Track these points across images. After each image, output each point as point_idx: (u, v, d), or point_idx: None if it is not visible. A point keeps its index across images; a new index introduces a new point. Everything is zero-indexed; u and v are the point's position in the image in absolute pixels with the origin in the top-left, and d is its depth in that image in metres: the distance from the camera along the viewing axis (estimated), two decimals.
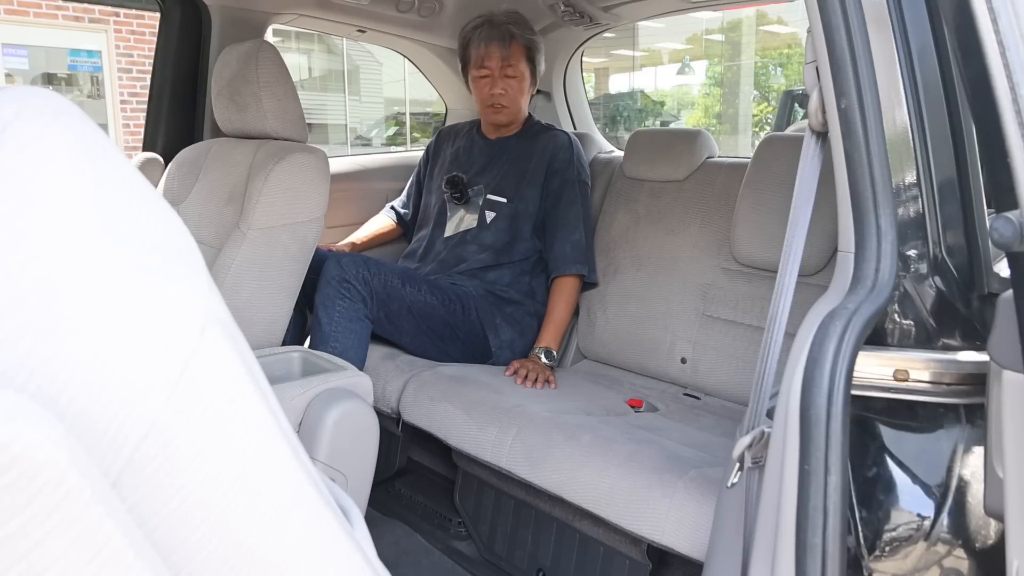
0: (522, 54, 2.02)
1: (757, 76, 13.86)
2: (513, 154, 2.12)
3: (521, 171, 2.08)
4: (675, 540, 1.23)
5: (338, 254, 1.82)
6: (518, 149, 2.12)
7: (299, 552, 0.45)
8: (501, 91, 2.03)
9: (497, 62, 2.00)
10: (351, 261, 1.78)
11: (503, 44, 1.99)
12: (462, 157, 2.20)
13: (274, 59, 1.72)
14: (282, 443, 0.45)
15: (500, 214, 2.07)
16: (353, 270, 1.76)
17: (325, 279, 1.75)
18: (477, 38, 2.01)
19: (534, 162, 2.08)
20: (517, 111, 2.10)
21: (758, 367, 0.89)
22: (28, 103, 0.39)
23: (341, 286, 1.75)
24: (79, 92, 7.87)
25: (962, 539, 0.76)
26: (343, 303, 1.75)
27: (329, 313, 1.74)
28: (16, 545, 0.30)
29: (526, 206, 2.06)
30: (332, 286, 1.74)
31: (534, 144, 2.11)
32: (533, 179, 2.07)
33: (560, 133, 2.13)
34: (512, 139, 2.15)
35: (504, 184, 2.09)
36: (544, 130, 2.15)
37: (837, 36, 0.77)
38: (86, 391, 0.36)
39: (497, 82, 2.03)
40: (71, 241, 0.37)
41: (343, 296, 1.75)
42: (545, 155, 2.07)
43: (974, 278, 0.81)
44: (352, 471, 1.36)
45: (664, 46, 14.66)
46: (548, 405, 1.60)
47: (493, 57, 2.00)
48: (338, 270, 1.75)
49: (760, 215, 1.72)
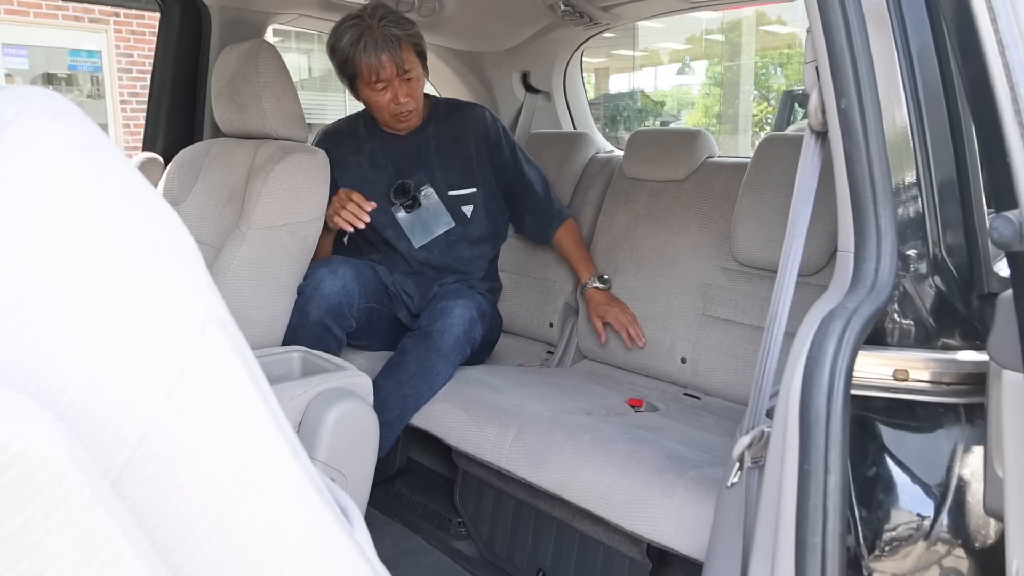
0: (412, 52, 1.86)
1: (757, 76, 13.86)
2: (440, 143, 2.02)
3: (464, 156, 2.02)
4: (675, 540, 1.23)
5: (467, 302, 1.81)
6: (441, 136, 2.03)
7: (299, 552, 0.45)
8: (405, 99, 1.87)
9: (392, 71, 1.83)
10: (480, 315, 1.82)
11: (393, 51, 1.81)
12: (380, 162, 2.01)
13: (274, 59, 1.72)
14: (282, 443, 0.45)
15: (476, 204, 2.03)
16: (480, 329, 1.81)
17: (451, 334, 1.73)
18: (360, 52, 1.80)
19: (470, 143, 2.03)
20: (421, 108, 1.97)
21: (758, 367, 0.89)
22: (28, 103, 0.39)
23: (468, 344, 1.77)
24: (79, 92, 7.87)
25: (962, 539, 0.76)
26: (462, 355, 1.77)
27: (449, 367, 1.73)
28: (16, 544, 0.30)
29: (489, 187, 2.04)
30: (459, 341, 1.74)
31: (454, 125, 2.03)
32: (479, 160, 2.03)
33: (477, 109, 2.09)
34: (427, 128, 2.02)
35: (456, 175, 2.01)
36: (453, 107, 2.09)
37: (837, 36, 0.77)
38: (86, 390, 0.36)
39: (398, 92, 1.86)
40: (71, 241, 0.37)
41: (463, 352, 1.77)
42: (478, 134, 2.03)
43: (974, 278, 0.81)
44: (352, 471, 1.36)
45: (664, 46, 14.65)
46: (548, 405, 1.60)
47: (386, 67, 1.81)
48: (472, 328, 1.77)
49: (760, 215, 1.72)
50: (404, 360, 1.71)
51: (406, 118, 1.92)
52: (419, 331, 1.75)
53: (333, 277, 1.73)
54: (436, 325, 1.73)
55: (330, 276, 1.73)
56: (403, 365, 1.70)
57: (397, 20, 1.85)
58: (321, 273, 1.74)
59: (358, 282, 1.77)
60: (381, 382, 1.68)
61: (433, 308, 1.80)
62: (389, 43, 1.80)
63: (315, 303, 1.70)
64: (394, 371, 1.70)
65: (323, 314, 1.70)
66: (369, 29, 1.80)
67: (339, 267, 1.76)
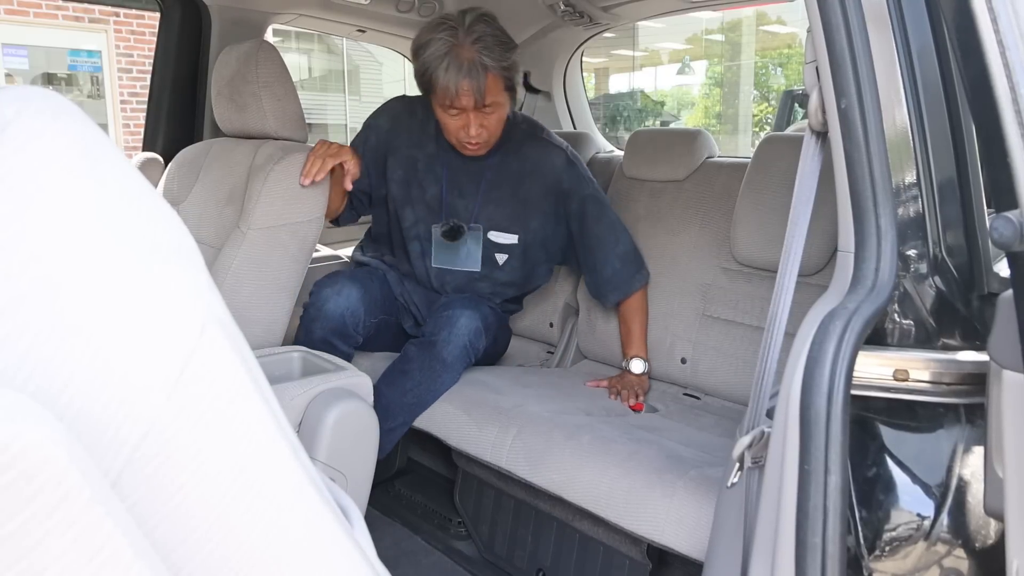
0: (499, 85, 1.67)
1: (757, 76, 13.86)
2: (501, 177, 1.84)
3: (520, 199, 1.84)
4: (675, 540, 1.23)
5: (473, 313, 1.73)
6: (505, 171, 1.85)
7: (299, 552, 0.45)
8: (476, 132, 1.70)
9: (471, 101, 1.64)
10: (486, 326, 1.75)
11: (475, 80, 1.61)
12: (436, 170, 1.85)
13: (274, 59, 1.72)
14: (282, 443, 0.45)
15: (513, 255, 1.87)
16: (484, 340, 1.75)
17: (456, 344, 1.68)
18: (441, 71, 1.62)
19: (532, 187, 1.84)
20: (496, 137, 1.78)
21: (758, 367, 0.89)
22: (28, 103, 0.39)
23: (472, 354, 1.72)
24: (79, 92, 7.87)
25: (962, 539, 0.76)
26: (466, 365, 1.74)
27: (453, 375, 1.70)
28: (16, 544, 0.30)
29: (534, 236, 1.87)
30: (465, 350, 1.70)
31: (523, 162, 1.84)
32: (536, 207, 1.85)
33: (554, 151, 1.85)
34: (493, 157, 1.84)
35: (505, 218, 1.85)
36: (529, 138, 1.86)
37: (837, 36, 0.77)
38: (86, 390, 0.36)
39: (471, 123, 1.68)
40: (71, 240, 0.37)
41: (468, 362, 1.73)
42: (546, 179, 1.83)
43: (974, 278, 0.81)
44: (352, 471, 1.36)
45: (664, 46, 14.65)
46: (548, 405, 1.60)
47: (465, 96, 1.63)
48: (477, 339, 1.72)
49: (760, 215, 1.72)
50: (408, 368, 1.68)
51: (473, 148, 1.76)
52: (423, 339, 1.71)
53: (338, 298, 1.71)
54: (441, 335, 1.68)
55: (334, 297, 1.71)
56: (407, 374, 1.67)
57: (491, 45, 1.63)
58: (326, 293, 1.72)
59: (364, 301, 1.75)
60: (384, 389, 1.66)
61: (438, 316, 1.73)
62: (474, 71, 1.61)
63: (319, 323, 1.71)
64: (398, 379, 1.68)
65: (327, 333, 1.71)
66: (457, 48, 1.61)
67: (344, 286, 1.73)
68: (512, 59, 1.68)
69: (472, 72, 1.61)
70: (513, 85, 1.72)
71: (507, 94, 1.71)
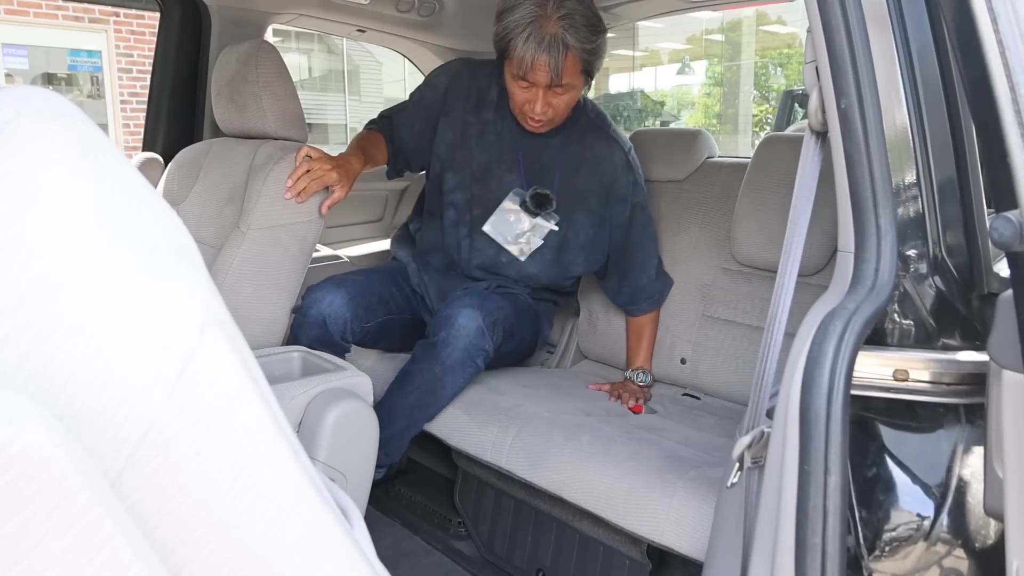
0: (577, 67, 1.59)
1: (757, 76, 13.86)
2: (557, 160, 1.75)
3: (572, 190, 1.75)
4: (675, 540, 1.23)
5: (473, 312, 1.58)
6: (562, 154, 1.75)
7: (299, 552, 0.45)
8: (543, 110, 1.63)
9: (545, 77, 1.57)
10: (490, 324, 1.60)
11: (553, 57, 1.54)
12: (482, 136, 1.77)
13: (274, 59, 1.72)
14: (282, 443, 0.45)
15: (547, 243, 1.77)
16: (490, 340, 1.59)
17: (455, 346, 1.56)
18: (521, 41, 1.54)
19: (588, 181, 1.75)
20: (563, 119, 1.72)
21: (758, 367, 0.89)
22: (28, 103, 0.39)
23: (478, 355, 1.59)
24: (79, 92, 7.87)
25: (962, 539, 0.76)
26: (472, 369, 1.61)
27: (456, 380, 1.59)
28: (16, 545, 0.30)
29: (576, 234, 1.76)
30: (468, 352, 1.57)
31: (584, 150, 1.75)
32: (586, 203, 1.76)
33: (616, 148, 1.76)
34: (556, 136, 1.76)
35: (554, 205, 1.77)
36: (594, 129, 1.77)
37: (837, 36, 0.77)
38: (86, 391, 0.36)
39: (539, 100, 1.61)
40: (71, 241, 0.37)
41: (474, 364, 1.60)
42: (602, 175, 1.75)
43: (974, 278, 0.81)
44: (352, 471, 1.36)
45: (664, 46, 14.66)
46: (548, 405, 1.60)
47: (540, 72, 1.56)
48: (480, 339, 1.57)
49: (760, 215, 1.72)
50: (411, 371, 1.62)
51: (535, 125, 1.68)
52: (426, 341, 1.63)
53: (320, 304, 1.66)
54: (440, 335, 1.59)
55: (316, 304, 1.66)
56: (410, 377, 1.61)
57: (578, 24, 1.55)
58: (309, 300, 1.68)
59: (351, 305, 1.68)
60: (392, 391, 1.62)
61: (439, 316, 1.64)
62: (554, 48, 1.53)
63: (303, 330, 1.68)
64: (403, 382, 1.62)
65: (311, 340, 1.66)
66: (542, 20, 1.53)
67: (328, 292, 1.68)
68: (598, 42, 1.60)
69: (552, 48, 1.53)
70: (591, 69, 1.63)
71: (583, 77, 1.63)
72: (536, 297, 1.86)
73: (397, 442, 1.62)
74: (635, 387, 1.79)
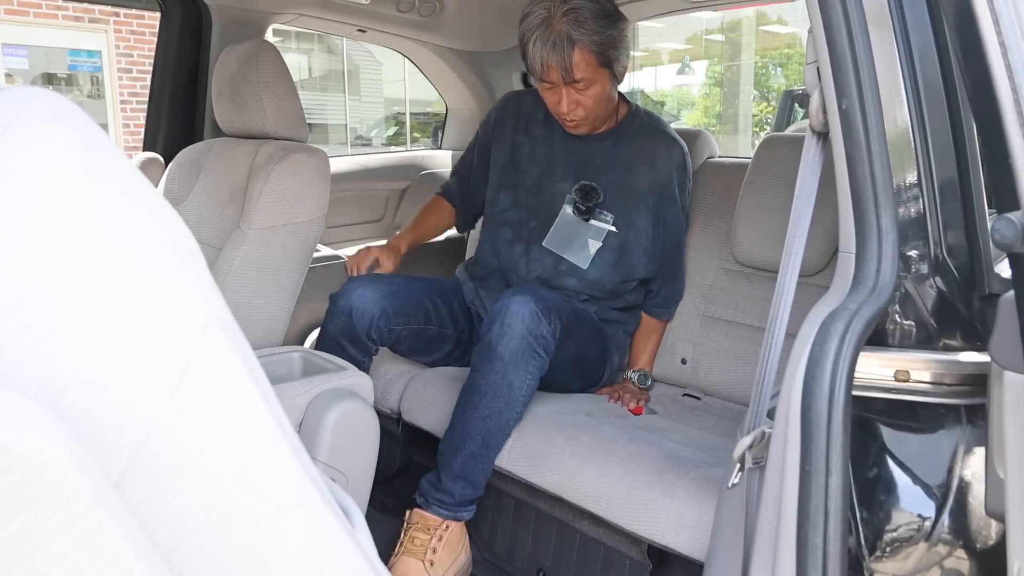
0: (591, 60, 1.56)
1: (757, 76, 13.85)
2: (611, 162, 1.73)
3: (628, 190, 1.72)
4: (675, 540, 1.23)
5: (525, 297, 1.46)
6: (617, 155, 1.73)
7: (300, 552, 0.45)
8: (569, 109, 1.62)
9: (558, 76, 1.58)
10: (544, 308, 1.46)
11: (561, 55, 1.54)
12: (538, 153, 1.78)
13: (274, 59, 1.72)
14: (283, 443, 0.45)
15: (607, 245, 1.71)
16: (547, 325, 1.45)
17: (512, 335, 1.42)
18: (531, 45, 1.57)
19: (643, 180, 1.72)
20: (598, 117, 1.69)
21: (759, 368, 0.89)
22: (29, 104, 0.39)
23: (538, 344, 1.44)
24: (79, 92, 7.88)
25: (963, 540, 0.76)
26: (536, 361, 1.46)
27: (522, 375, 1.44)
28: (19, 546, 0.30)
29: (636, 236, 1.72)
30: (527, 341, 1.43)
31: (638, 150, 1.73)
32: (642, 204, 1.72)
33: (674, 145, 1.74)
34: (607, 139, 1.74)
35: (608, 204, 1.73)
36: (648, 129, 1.76)
37: (838, 36, 0.77)
38: (88, 392, 0.36)
39: (563, 99, 1.61)
40: (72, 241, 0.37)
41: (536, 355, 1.45)
42: (658, 176, 1.72)
43: (975, 279, 0.81)
44: (352, 471, 1.36)
45: (664, 46, 14.65)
46: (548, 405, 1.60)
47: (552, 71, 1.57)
48: (536, 323, 1.43)
49: (760, 215, 1.72)
50: (473, 380, 1.48)
51: (571, 125, 1.69)
52: (480, 342, 1.49)
53: (349, 295, 1.62)
54: (494, 329, 1.45)
55: (346, 294, 1.62)
56: (474, 386, 1.47)
57: (584, 17, 1.54)
58: (345, 288, 1.64)
59: (382, 303, 1.62)
60: (458, 411, 1.49)
61: (489, 313, 1.51)
62: (560, 45, 1.54)
63: (331, 318, 1.63)
64: (467, 394, 1.49)
65: (336, 332, 1.62)
66: (549, 20, 1.55)
67: (360, 286, 1.63)
68: (609, 33, 1.57)
69: (557, 46, 1.54)
70: (610, 61, 1.60)
71: (604, 71, 1.60)
72: (603, 318, 1.77)
73: (478, 464, 1.47)
74: (634, 388, 1.77)
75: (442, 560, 1.46)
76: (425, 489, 1.51)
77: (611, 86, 1.65)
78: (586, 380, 1.73)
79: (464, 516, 1.49)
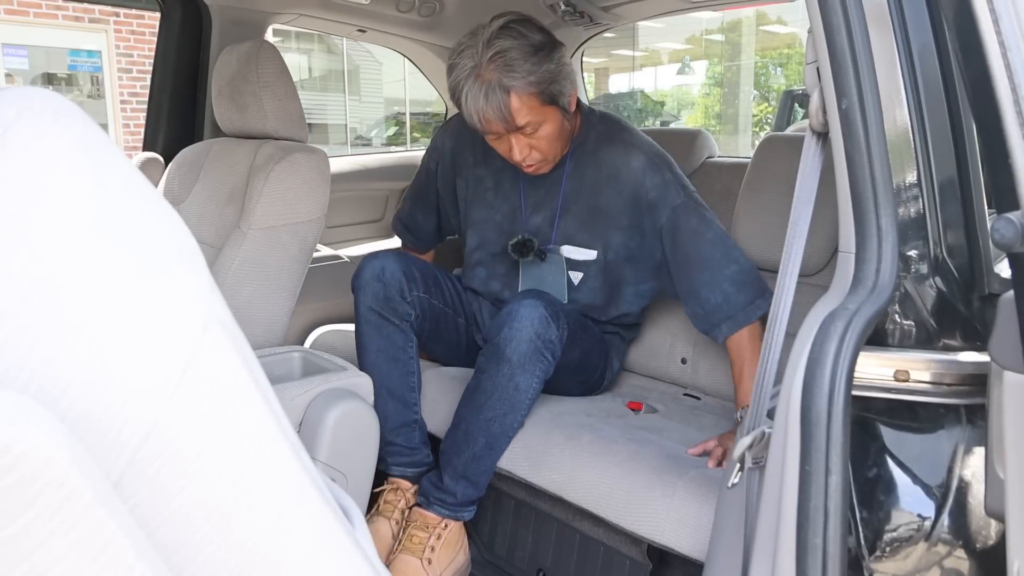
0: (533, 103, 1.44)
1: (757, 76, 13.86)
2: (577, 186, 1.64)
3: (598, 211, 1.62)
4: (675, 540, 1.23)
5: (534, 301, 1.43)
6: (580, 177, 1.64)
7: (300, 552, 0.45)
8: (523, 155, 1.51)
9: (499, 127, 1.46)
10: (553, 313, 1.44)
11: (497, 105, 1.42)
12: (499, 186, 1.72)
13: (274, 59, 1.72)
14: (283, 443, 0.45)
15: (589, 273, 1.65)
16: (556, 329, 1.44)
17: (521, 338, 1.41)
18: (463, 98, 1.45)
19: (610, 197, 1.60)
20: (558, 155, 1.58)
21: (759, 367, 0.89)
22: (30, 104, 0.39)
23: (546, 348, 1.43)
24: (79, 92, 7.88)
25: (963, 540, 0.76)
26: (543, 365, 1.45)
27: (528, 379, 1.44)
28: (19, 546, 0.30)
29: (616, 254, 1.63)
30: (535, 345, 1.42)
31: (599, 168, 1.61)
32: (616, 220, 1.61)
33: (632, 153, 1.59)
34: (568, 163, 1.64)
35: (580, 231, 1.64)
36: (606, 140, 1.63)
37: (838, 36, 0.77)
38: (88, 392, 0.36)
39: (512, 146, 1.50)
40: (73, 242, 0.37)
41: (544, 359, 1.44)
42: (623, 186, 1.58)
43: (975, 279, 0.81)
44: (352, 471, 1.37)
45: (664, 46, 14.66)
46: (548, 406, 1.60)
47: (491, 122, 1.45)
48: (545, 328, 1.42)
49: (760, 215, 1.72)
50: (479, 381, 1.47)
51: (531, 169, 1.57)
52: (488, 345, 1.48)
53: (371, 266, 1.59)
54: (503, 332, 1.43)
55: (368, 266, 1.60)
56: (479, 387, 1.46)
57: (514, 60, 1.41)
58: (364, 263, 1.62)
59: (404, 270, 1.60)
60: (462, 411, 1.49)
61: (497, 317, 1.49)
62: (493, 95, 1.41)
63: (362, 292, 1.59)
64: (471, 395, 1.48)
65: (371, 298, 1.58)
66: (478, 69, 1.42)
67: (379, 259, 1.61)
68: (546, 68, 1.44)
69: (491, 97, 1.41)
70: (555, 96, 1.47)
71: (549, 108, 1.47)
72: (604, 329, 1.75)
73: (480, 465, 1.46)
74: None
75: (440, 559, 1.46)
76: (426, 488, 1.51)
77: (563, 119, 1.52)
78: (587, 384, 1.71)
79: (465, 516, 1.50)
